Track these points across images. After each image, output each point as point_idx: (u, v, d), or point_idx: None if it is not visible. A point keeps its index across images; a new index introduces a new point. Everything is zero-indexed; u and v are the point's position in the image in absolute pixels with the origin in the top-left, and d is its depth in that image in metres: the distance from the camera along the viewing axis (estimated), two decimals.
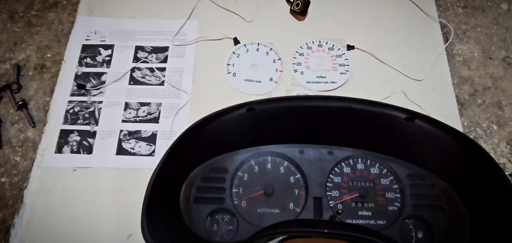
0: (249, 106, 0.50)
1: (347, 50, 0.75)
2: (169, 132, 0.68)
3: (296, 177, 0.60)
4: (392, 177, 0.59)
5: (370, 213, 0.57)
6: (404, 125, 0.51)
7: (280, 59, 0.74)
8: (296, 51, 0.75)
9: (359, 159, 0.60)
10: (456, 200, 0.55)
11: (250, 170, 0.60)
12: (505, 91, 0.72)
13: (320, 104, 0.51)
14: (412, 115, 0.50)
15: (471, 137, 0.69)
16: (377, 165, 0.60)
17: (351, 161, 0.60)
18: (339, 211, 0.55)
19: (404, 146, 0.55)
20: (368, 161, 0.60)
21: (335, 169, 0.60)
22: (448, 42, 0.76)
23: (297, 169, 0.60)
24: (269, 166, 0.60)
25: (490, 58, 0.75)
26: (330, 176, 0.59)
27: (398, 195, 0.58)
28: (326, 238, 0.45)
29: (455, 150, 0.50)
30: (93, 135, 0.68)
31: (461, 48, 0.77)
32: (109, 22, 0.78)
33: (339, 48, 0.75)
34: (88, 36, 0.77)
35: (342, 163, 0.60)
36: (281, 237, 0.51)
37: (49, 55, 0.78)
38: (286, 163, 0.60)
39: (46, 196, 0.64)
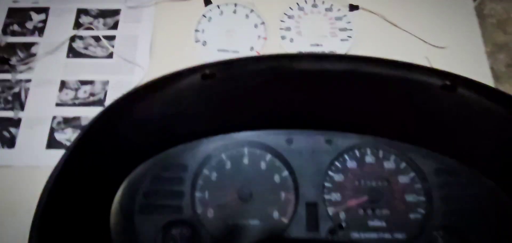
0: (205, 71, 0.33)
1: (350, 11, 0.59)
2: None
3: (283, 175, 0.44)
4: (413, 174, 0.43)
5: (384, 224, 0.41)
6: (439, 97, 0.34)
7: (263, 23, 0.58)
8: (285, 14, 0.59)
9: (368, 150, 0.44)
10: (507, 205, 0.39)
11: (220, 167, 0.44)
12: None
13: (313, 68, 0.35)
14: (454, 81, 0.33)
15: None
16: (393, 157, 0.44)
17: (357, 152, 0.44)
18: (342, 224, 0.39)
19: (436, 128, 0.39)
20: (381, 152, 0.44)
21: (336, 163, 0.44)
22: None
23: (284, 164, 0.44)
24: (245, 160, 0.44)
25: None
26: (329, 173, 0.43)
27: (423, 198, 0.42)
28: None
29: None
30: (17, 123, 0.52)
31: (494, 7, 0.61)
32: None
33: (339, 9, 0.59)
34: None
35: (345, 155, 0.44)
36: None
37: None
38: (268, 157, 0.44)
39: None
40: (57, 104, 0.53)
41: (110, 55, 0.56)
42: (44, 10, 0.59)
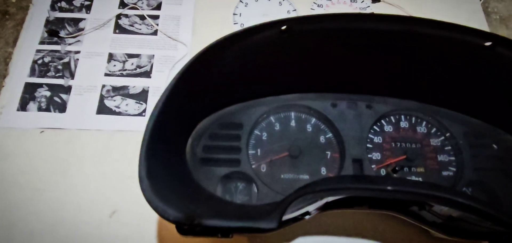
0: (284, 25, 0.37)
1: (372, 2, 0.65)
2: (164, 88, 0.55)
3: (327, 136, 0.48)
4: (443, 137, 0.48)
5: (420, 180, 0.46)
6: (479, 57, 0.40)
7: (295, 10, 0.63)
8: (314, 2, 0.64)
9: (402, 116, 0.49)
10: None
11: (269, 128, 0.48)
12: None
13: (372, 27, 0.40)
14: (495, 40, 0.39)
15: None
16: (424, 123, 0.49)
17: (392, 117, 0.49)
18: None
19: (470, 89, 0.44)
20: (413, 118, 0.49)
21: (375, 127, 0.48)
22: None
23: (329, 126, 0.48)
24: (293, 123, 0.48)
25: None
26: (370, 135, 0.48)
27: (453, 158, 0.47)
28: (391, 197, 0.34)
29: None
30: (67, 90, 0.54)
31: (497, 6, 0.68)
32: None
33: (363, 1, 0.65)
34: None
35: (383, 120, 0.49)
36: (320, 203, 0.39)
37: (13, 0, 0.63)
38: (313, 120, 0.49)
39: (3, 162, 0.50)
40: (106, 74, 0.56)
41: (155, 33, 0.60)
42: None
